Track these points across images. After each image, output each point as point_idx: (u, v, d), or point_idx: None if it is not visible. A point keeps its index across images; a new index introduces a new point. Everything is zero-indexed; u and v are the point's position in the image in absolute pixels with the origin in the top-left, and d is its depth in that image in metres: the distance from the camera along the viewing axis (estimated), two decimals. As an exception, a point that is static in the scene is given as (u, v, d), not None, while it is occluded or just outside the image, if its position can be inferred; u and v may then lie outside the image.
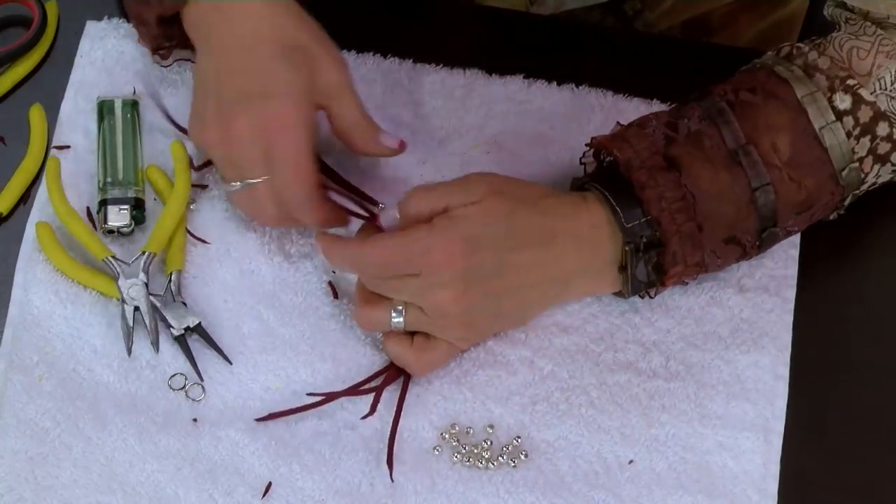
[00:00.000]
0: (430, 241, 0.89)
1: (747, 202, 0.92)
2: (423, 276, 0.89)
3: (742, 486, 0.93)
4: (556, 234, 0.91)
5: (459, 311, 0.90)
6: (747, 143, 0.92)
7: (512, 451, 0.94)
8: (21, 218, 1.01)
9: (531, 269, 0.91)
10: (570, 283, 0.94)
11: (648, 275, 0.93)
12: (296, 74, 0.92)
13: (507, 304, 0.93)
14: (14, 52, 1.05)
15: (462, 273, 0.89)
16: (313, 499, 0.92)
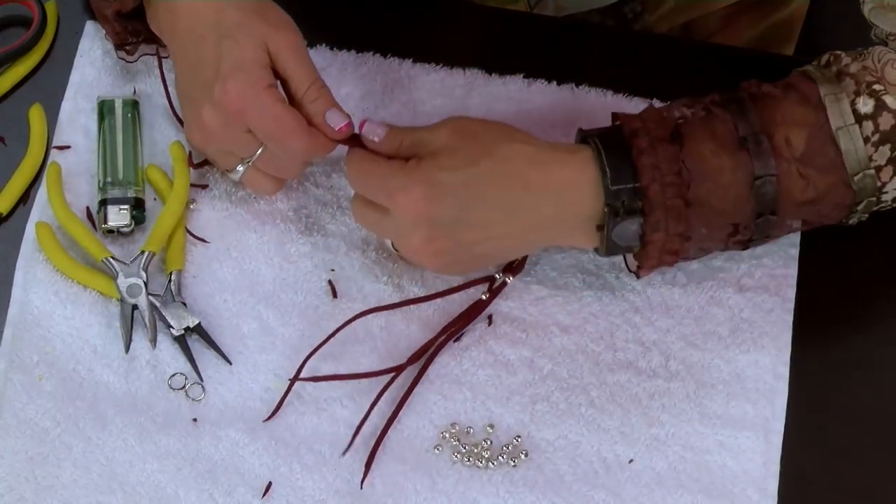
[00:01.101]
0: (394, 182, 0.90)
1: (747, 189, 0.90)
2: (393, 216, 0.91)
3: (742, 486, 0.94)
4: (528, 185, 0.91)
5: (428, 254, 0.92)
6: (759, 132, 0.90)
7: (512, 451, 0.94)
8: (21, 218, 1.01)
9: (498, 220, 0.91)
10: (547, 231, 0.94)
11: (627, 239, 0.91)
12: (241, 51, 0.93)
13: (481, 251, 0.93)
14: (14, 52, 1.05)
15: (425, 220, 0.90)
16: (313, 499, 0.92)
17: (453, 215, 0.90)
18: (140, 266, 0.97)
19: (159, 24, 0.98)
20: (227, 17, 0.94)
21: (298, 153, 0.94)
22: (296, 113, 0.93)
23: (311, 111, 0.94)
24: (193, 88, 0.95)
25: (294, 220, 1.01)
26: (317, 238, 1.01)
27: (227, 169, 0.98)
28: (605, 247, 0.92)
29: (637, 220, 0.90)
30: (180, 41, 0.96)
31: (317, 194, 1.02)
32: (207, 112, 0.94)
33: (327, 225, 1.01)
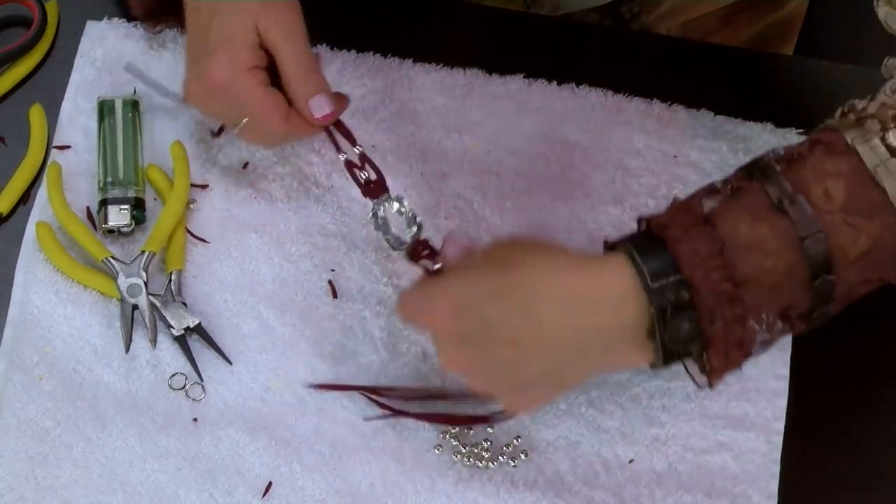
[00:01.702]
0: (422, 301, 0.86)
1: (796, 255, 0.81)
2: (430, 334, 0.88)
3: (742, 486, 0.94)
4: (551, 296, 0.82)
5: (465, 372, 0.85)
6: (795, 192, 0.82)
7: (512, 451, 0.94)
8: (21, 218, 1.01)
9: (526, 336, 0.83)
10: (586, 352, 0.83)
11: (683, 340, 0.82)
12: (229, 28, 0.93)
13: (526, 374, 0.84)
14: (14, 52, 1.05)
15: (452, 336, 0.84)
16: (313, 499, 0.93)
17: (479, 332, 0.83)
18: (140, 266, 0.97)
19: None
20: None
21: (276, 136, 0.95)
22: (274, 96, 0.93)
23: (294, 95, 0.94)
24: (188, 55, 0.96)
25: (294, 220, 1.01)
26: (317, 238, 1.01)
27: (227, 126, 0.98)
28: (661, 355, 0.82)
29: (688, 315, 0.81)
30: (186, 7, 0.96)
31: (317, 194, 1.02)
32: (193, 82, 0.95)
33: (327, 225, 1.01)
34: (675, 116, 1.05)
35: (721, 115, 1.05)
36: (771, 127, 1.05)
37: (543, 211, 1.02)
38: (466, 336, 0.83)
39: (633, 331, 0.82)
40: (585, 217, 1.02)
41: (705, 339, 0.81)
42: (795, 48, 1.27)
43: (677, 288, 0.80)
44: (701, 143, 1.05)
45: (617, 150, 1.04)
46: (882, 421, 0.97)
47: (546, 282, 0.82)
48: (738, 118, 1.05)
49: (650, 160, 1.04)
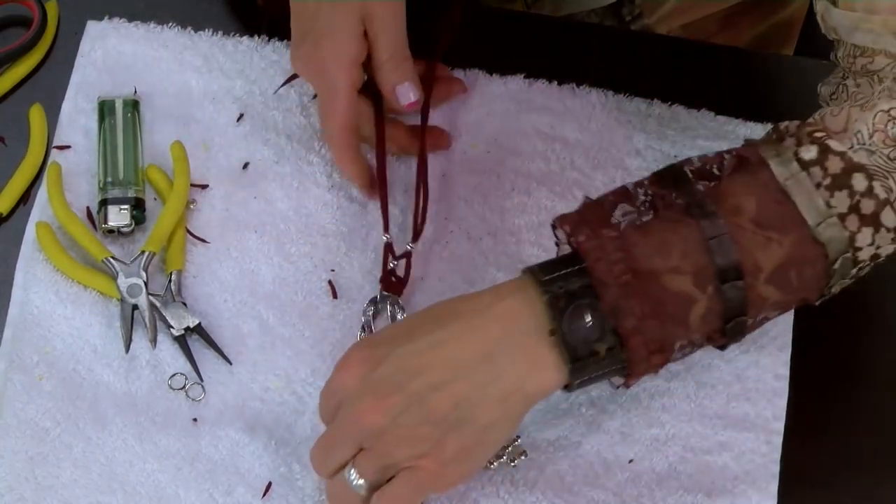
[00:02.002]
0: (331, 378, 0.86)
1: (703, 255, 0.81)
2: (340, 405, 0.84)
3: (742, 486, 0.93)
4: (455, 314, 0.83)
5: (385, 421, 0.82)
6: (704, 198, 0.83)
7: (512, 451, 0.94)
8: (21, 218, 1.01)
9: (436, 358, 0.82)
10: (496, 364, 0.82)
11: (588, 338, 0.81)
12: (335, 16, 0.94)
13: (437, 405, 0.82)
14: (14, 52, 1.05)
15: (364, 379, 0.83)
16: (313, 499, 0.92)
17: (392, 368, 0.82)
18: (140, 266, 0.97)
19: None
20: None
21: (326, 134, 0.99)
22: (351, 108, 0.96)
23: (383, 80, 0.97)
24: (295, 25, 0.97)
25: (294, 220, 1.01)
26: (317, 238, 1.01)
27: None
28: (566, 354, 0.81)
29: (587, 303, 0.80)
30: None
31: (317, 194, 1.02)
32: (295, 56, 0.97)
33: (327, 225, 1.01)
34: (676, 116, 1.05)
35: (721, 116, 1.05)
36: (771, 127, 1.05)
37: (543, 211, 1.02)
38: (382, 376, 0.83)
39: (536, 334, 0.82)
40: (585, 217, 1.01)
41: (621, 336, 0.81)
42: (795, 49, 1.27)
43: (571, 277, 0.81)
44: (701, 143, 1.05)
45: (617, 150, 1.04)
46: (882, 421, 0.97)
47: (451, 305, 0.84)
48: (738, 118, 1.05)
49: (650, 160, 1.04)
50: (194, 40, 1.07)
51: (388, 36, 0.96)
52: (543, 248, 1.00)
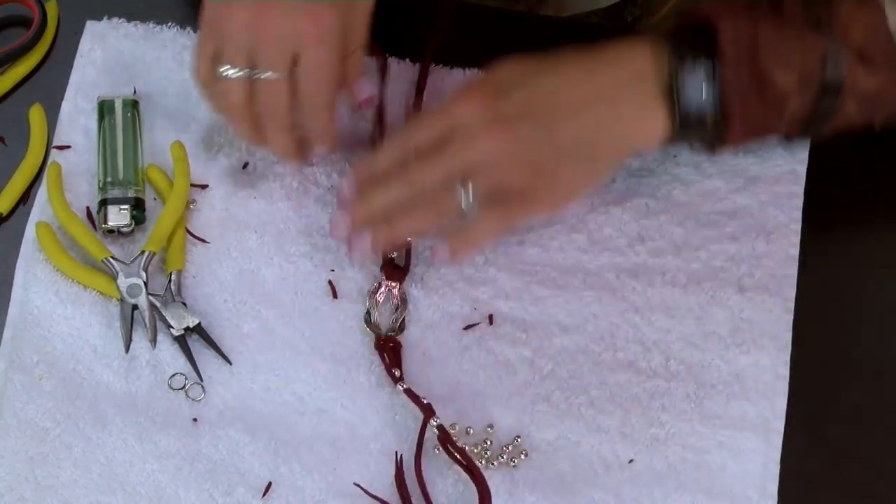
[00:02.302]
0: (450, 99, 0.89)
1: (816, 65, 0.88)
2: (458, 133, 0.88)
3: (742, 486, 0.93)
4: (584, 58, 0.89)
5: (508, 146, 0.87)
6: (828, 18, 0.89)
7: (512, 451, 0.94)
8: (21, 218, 1.01)
9: (565, 93, 0.89)
10: (618, 107, 0.89)
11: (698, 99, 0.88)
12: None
13: (563, 135, 0.88)
14: (14, 52, 1.05)
15: (489, 108, 0.87)
16: (313, 499, 0.92)
17: (519, 97, 0.88)
18: (140, 266, 0.97)
19: None
20: None
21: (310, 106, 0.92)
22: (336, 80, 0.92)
23: (347, 71, 0.93)
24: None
25: (294, 220, 1.01)
26: (317, 238, 1.01)
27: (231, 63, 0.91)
28: (677, 111, 0.88)
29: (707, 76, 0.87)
30: None
31: (317, 194, 1.02)
32: (279, 14, 0.89)
33: (327, 225, 1.01)
34: (676, 116, 1.05)
35: (721, 115, 1.05)
36: (771, 127, 1.05)
37: (543, 211, 1.02)
38: (508, 104, 0.87)
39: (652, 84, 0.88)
40: (586, 217, 1.01)
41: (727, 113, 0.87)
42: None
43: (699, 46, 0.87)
44: (701, 142, 1.05)
45: (617, 149, 1.04)
46: (882, 421, 0.97)
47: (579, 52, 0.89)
48: (738, 118, 1.05)
49: (650, 160, 1.04)
50: (194, 40, 1.07)
51: (364, 24, 0.93)
52: (544, 248, 1.00)
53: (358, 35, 0.93)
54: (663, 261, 1.00)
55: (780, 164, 1.04)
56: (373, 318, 0.97)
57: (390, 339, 0.96)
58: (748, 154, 1.04)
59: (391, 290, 0.98)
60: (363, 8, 0.93)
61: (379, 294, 0.98)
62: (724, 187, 1.03)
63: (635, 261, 1.00)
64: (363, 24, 0.93)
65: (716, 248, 1.01)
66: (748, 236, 1.01)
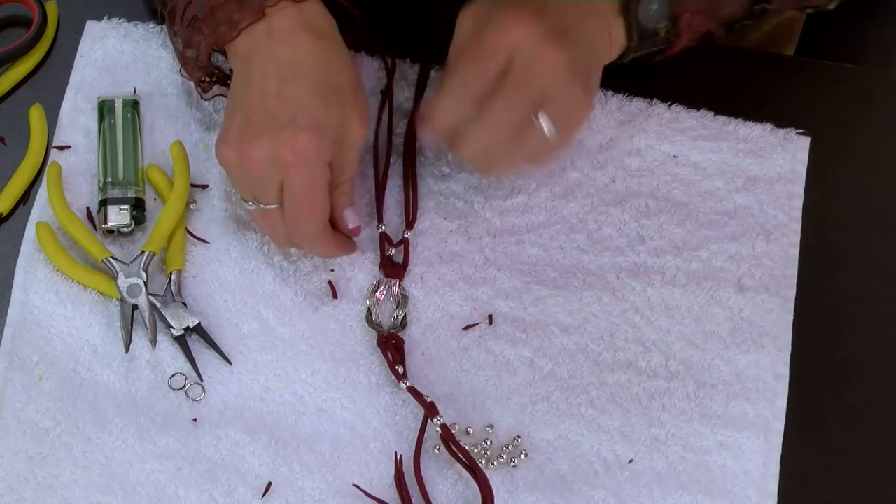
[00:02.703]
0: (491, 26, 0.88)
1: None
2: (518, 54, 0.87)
3: (742, 486, 0.94)
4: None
5: (567, 58, 0.88)
6: None
7: (512, 451, 0.94)
8: (21, 218, 1.01)
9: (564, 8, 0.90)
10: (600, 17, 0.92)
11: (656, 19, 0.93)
12: (329, 115, 0.91)
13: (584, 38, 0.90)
14: (14, 52, 1.05)
15: (537, 24, 0.87)
16: (313, 499, 0.93)
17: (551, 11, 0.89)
18: (140, 266, 0.97)
19: (244, 55, 0.93)
20: (330, 76, 0.92)
21: (302, 234, 0.93)
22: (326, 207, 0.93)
23: (335, 200, 0.94)
24: (255, 114, 0.91)
25: (294, 220, 1.01)
26: (317, 238, 1.01)
27: (243, 197, 0.95)
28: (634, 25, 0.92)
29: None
30: (264, 70, 0.92)
31: (317, 194, 1.02)
32: (263, 146, 0.90)
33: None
34: (676, 116, 1.05)
35: (722, 116, 1.05)
36: (771, 127, 1.05)
37: (543, 211, 1.02)
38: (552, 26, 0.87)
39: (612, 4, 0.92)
40: (586, 217, 1.02)
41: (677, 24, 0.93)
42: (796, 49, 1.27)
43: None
44: (701, 143, 1.05)
45: (617, 150, 1.04)
46: (882, 421, 0.97)
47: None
48: (738, 118, 1.05)
49: (650, 160, 1.04)
50: None
51: (354, 158, 0.94)
52: (544, 248, 1.01)
53: (348, 167, 0.94)
54: (663, 261, 1.00)
55: (780, 164, 1.04)
56: (374, 316, 0.97)
57: (392, 336, 0.97)
58: (748, 154, 1.04)
59: (391, 288, 0.98)
60: (352, 137, 0.92)
61: (379, 292, 0.98)
62: (724, 187, 1.03)
63: (635, 261, 1.00)
64: (352, 153, 0.93)
65: (716, 248, 1.01)
66: (748, 236, 1.01)
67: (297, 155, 0.89)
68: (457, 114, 0.90)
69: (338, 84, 0.92)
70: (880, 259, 1.02)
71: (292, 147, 0.89)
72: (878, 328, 1.00)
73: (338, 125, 0.91)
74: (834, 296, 1.01)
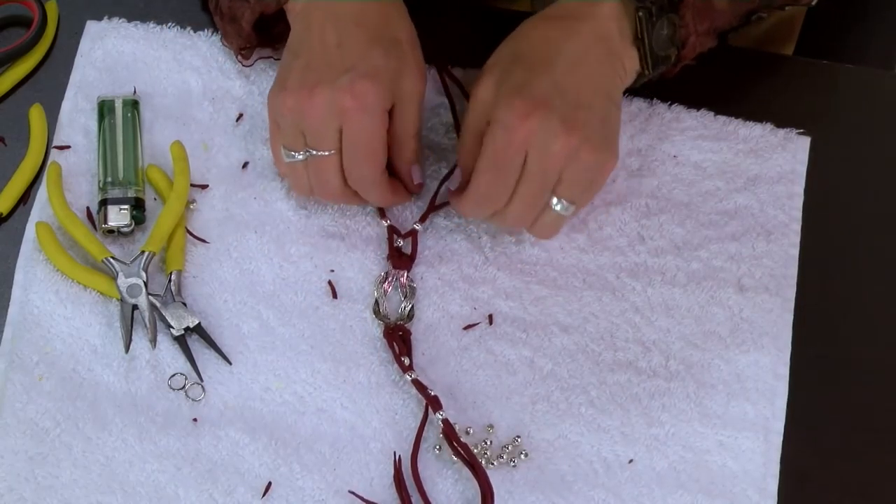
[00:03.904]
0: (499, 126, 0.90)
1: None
2: (532, 149, 0.90)
3: (742, 486, 0.94)
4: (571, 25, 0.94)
5: (580, 138, 0.90)
6: None
7: (512, 451, 0.94)
8: (21, 218, 1.01)
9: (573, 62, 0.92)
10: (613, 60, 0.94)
11: (666, 45, 0.95)
12: (388, 63, 0.93)
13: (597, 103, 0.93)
14: (14, 52, 1.05)
15: (546, 114, 0.89)
16: (313, 499, 0.92)
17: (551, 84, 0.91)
18: (140, 266, 0.97)
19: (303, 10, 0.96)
20: (390, 27, 0.95)
21: (360, 181, 0.95)
22: (384, 153, 0.95)
23: (402, 154, 0.97)
24: (315, 62, 0.94)
25: (294, 220, 1.01)
26: (317, 238, 1.01)
27: (290, 147, 0.95)
28: (648, 60, 0.94)
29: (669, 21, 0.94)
30: (325, 21, 0.94)
31: (317, 194, 1.02)
32: (325, 93, 0.92)
33: (327, 225, 1.01)
34: (676, 116, 1.05)
35: (721, 115, 1.05)
36: (771, 127, 1.05)
37: (543, 211, 1.02)
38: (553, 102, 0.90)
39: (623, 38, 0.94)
40: (586, 217, 1.01)
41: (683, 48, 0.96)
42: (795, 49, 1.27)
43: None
44: (701, 143, 1.05)
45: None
46: (882, 421, 0.97)
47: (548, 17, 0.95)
48: (738, 118, 1.05)
49: (650, 160, 1.04)
50: (194, 40, 1.07)
51: (415, 111, 0.96)
52: (543, 248, 1.01)
53: (409, 119, 0.95)
54: (663, 261, 1.00)
55: (780, 164, 1.04)
56: (381, 307, 0.97)
57: (400, 328, 0.97)
58: (748, 154, 1.04)
59: (399, 279, 0.98)
60: (410, 89, 0.94)
61: (387, 283, 0.98)
62: (724, 187, 1.03)
63: (635, 261, 1.00)
64: (412, 107, 0.95)
65: (716, 247, 1.01)
66: (748, 236, 1.01)
67: (356, 100, 0.91)
68: (482, 215, 0.95)
69: (396, 36, 0.94)
70: (880, 259, 1.02)
71: (352, 93, 0.91)
72: (878, 328, 1.00)
73: (396, 75, 0.93)
74: (834, 296, 1.01)
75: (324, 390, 0.96)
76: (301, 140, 0.95)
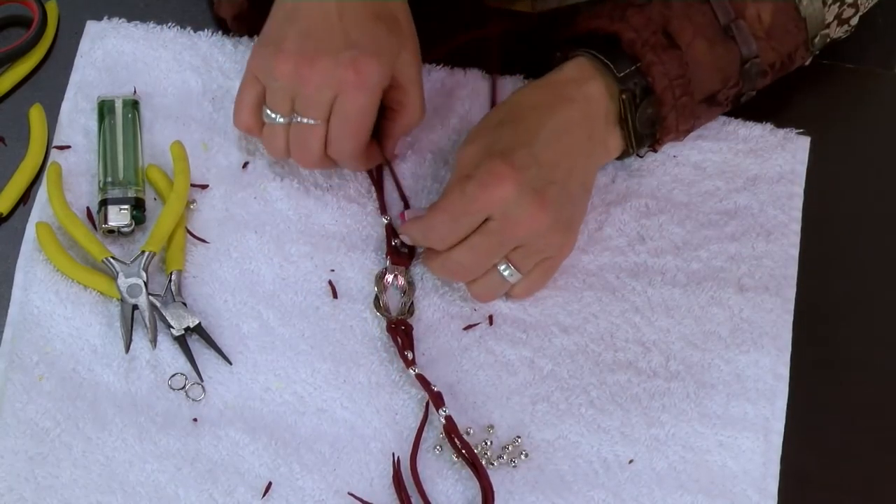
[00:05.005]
0: (474, 181, 0.91)
1: (737, 72, 0.97)
2: (497, 212, 0.91)
3: (742, 486, 0.94)
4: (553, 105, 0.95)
5: (548, 216, 0.92)
6: (736, 17, 0.96)
7: (512, 451, 0.94)
8: (21, 218, 1.01)
9: (560, 145, 0.93)
10: (594, 142, 0.96)
11: (650, 125, 0.96)
12: (390, 41, 0.93)
13: (574, 187, 0.94)
14: (14, 52, 1.05)
15: (522, 181, 0.91)
16: (313, 499, 0.93)
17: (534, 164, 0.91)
18: (140, 266, 0.97)
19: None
20: (389, 7, 0.95)
21: (341, 151, 0.96)
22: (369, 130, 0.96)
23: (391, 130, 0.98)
24: (316, 32, 0.93)
25: (294, 220, 1.01)
26: (317, 238, 1.01)
27: (274, 109, 0.96)
28: (632, 139, 0.96)
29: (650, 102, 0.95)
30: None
31: (317, 194, 1.02)
32: (325, 63, 0.92)
33: (327, 225, 1.01)
34: (676, 116, 1.05)
35: (721, 115, 1.05)
36: (771, 127, 1.05)
37: (543, 211, 1.02)
38: (530, 174, 0.91)
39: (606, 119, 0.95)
40: (586, 217, 1.01)
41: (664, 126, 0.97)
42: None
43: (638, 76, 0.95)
44: (701, 143, 1.05)
45: (617, 150, 1.04)
46: (881, 421, 0.97)
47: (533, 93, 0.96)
48: (738, 118, 1.05)
49: (650, 160, 1.04)
50: (194, 40, 1.07)
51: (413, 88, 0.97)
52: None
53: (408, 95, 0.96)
54: (663, 261, 1.00)
55: (780, 164, 1.04)
56: (382, 301, 0.97)
57: (402, 322, 0.97)
58: (748, 154, 1.04)
59: (397, 275, 0.98)
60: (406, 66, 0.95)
61: (386, 278, 0.98)
62: (724, 187, 1.03)
63: (635, 261, 1.00)
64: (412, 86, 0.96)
65: (716, 248, 1.01)
66: (748, 236, 1.01)
67: (359, 76, 0.92)
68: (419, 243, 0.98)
69: (393, 12, 0.95)
70: (880, 259, 1.02)
71: (355, 68, 0.92)
72: (878, 328, 1.00)
73: (395, 53, 0.94)
74: (834, 296, 1.01)
75: (324, 390, 0.96)
76: (288, 104, 0.95)
